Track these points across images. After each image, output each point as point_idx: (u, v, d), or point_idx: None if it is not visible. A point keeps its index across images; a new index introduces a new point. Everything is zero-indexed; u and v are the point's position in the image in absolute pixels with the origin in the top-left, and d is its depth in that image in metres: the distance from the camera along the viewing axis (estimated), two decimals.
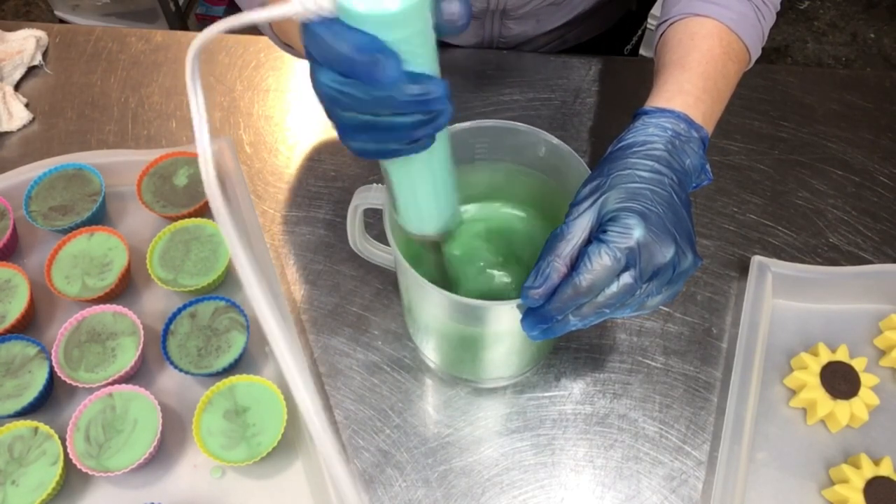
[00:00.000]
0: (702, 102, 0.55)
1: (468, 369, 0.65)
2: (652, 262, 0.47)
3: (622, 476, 0.62)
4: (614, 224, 0.46)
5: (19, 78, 0.86)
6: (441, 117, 0.40)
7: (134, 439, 0.60)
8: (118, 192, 0.75)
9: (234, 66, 0.86)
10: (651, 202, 0.48)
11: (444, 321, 0.59)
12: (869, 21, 2.19)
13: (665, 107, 0.53)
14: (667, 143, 0.51)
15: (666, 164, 0.50)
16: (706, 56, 0.57)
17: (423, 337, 0.65)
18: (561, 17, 0.86)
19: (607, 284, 0.46)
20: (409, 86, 0.37)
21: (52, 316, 0.69)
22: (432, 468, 0.62)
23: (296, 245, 0.74)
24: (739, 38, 0.60)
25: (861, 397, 0.63)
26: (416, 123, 0.39)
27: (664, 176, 0.49)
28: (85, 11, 1.89)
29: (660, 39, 0.63)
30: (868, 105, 0.84)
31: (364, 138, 0.41)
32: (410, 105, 0.38)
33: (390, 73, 0.36)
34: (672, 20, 0.61)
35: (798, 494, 0.61)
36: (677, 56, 0.58)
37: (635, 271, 0.46)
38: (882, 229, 0.75)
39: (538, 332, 0.49)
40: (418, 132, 0.40)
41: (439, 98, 0.38)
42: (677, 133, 0.52)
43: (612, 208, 0.47)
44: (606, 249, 0.46)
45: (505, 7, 0.82)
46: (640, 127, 0.52)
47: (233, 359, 0.64)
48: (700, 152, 0.53)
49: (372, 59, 0.36)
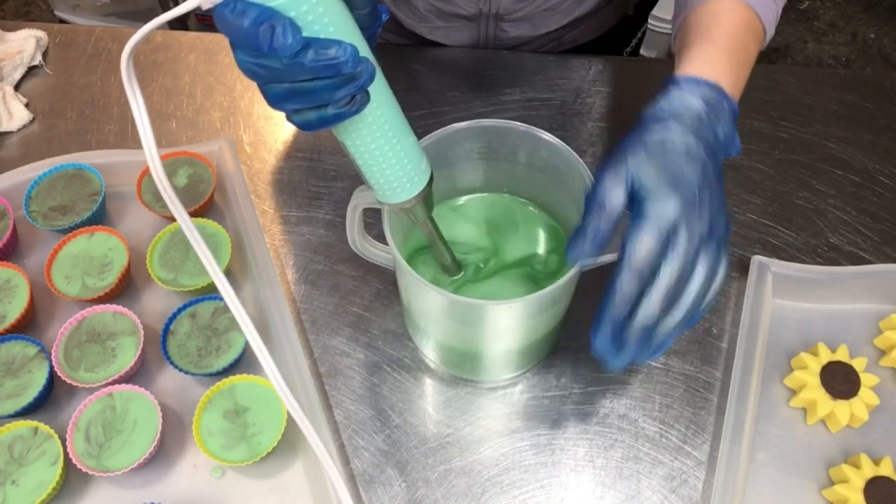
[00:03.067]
0: (729, 74, 0.55)
1: (468, 369, 0.65)
2: (696, 225, 0.47)
3: (622, 476, 0.62)
4: (652, 202, 0.47)
5: (19, 78, 0.86)
6: (361, 76, 0.41)
7: (134, 439, 0.60)
8: (118, 192, 0.75)
9: (233, 66, 0.85)
10: (687, 179, 0.48)
11: (444, 321, 0.59)
12: (869, 21, 2.19)
13: (698, 76, 0.54)
14: (701, 114, 0.51)
15: (700, 136, 0.50)
16: (731, 31, 0.58)
17: (423, 337, 0.65)
18: (556, 21, 0.86)
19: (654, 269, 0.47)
20: (312, 50, 0.39)
21: (52, 316, 0.69)
22: (432, 468, 0.62)
23: (296, 245, 0.74)
24: (758, 16, 0.60)
25: (861, 397, 0.63)
26: (336, 84, 0.41)
27: (699, 146, 0.50)
28: (85, 11, 1.89)
29: (680, 26, 0.63)
30: (868, 105, 0.84)
31: (294, 106, 0.43)
32: (321, 69, 0.39)
33: (285, 41, 0.38)
34: (692, 7, 0.62)
35: (798, 494, 0.61)
36: (703, 32, 0.58)
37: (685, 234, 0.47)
38: (882, 229, 0.75)
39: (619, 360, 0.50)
40: (341, 92, 0.41)
41: (347, 60, 0.39)
42: (711, 105, 0.52)
43: (650, 182, 0.48)
44: (646, 224, 0.46)
45: (498, 11, 0.82)
46: (676, 96, 0.52)
47: (233, 359, 0.64)
48: (732, 122, 0.53)
49: (267, 28, 0.37)
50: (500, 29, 0.85)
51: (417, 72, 0.85)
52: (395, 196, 0.51)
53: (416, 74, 0.86)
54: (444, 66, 0.86)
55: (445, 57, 0.87)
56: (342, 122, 0.44)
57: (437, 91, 0.83)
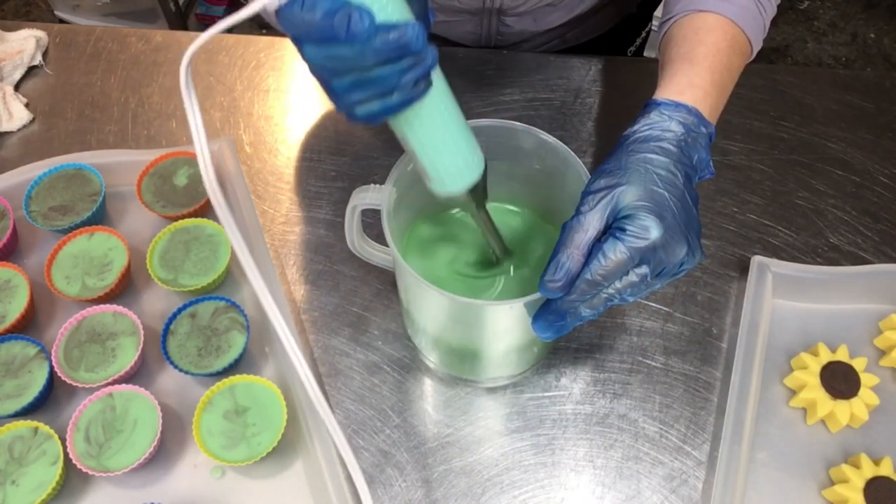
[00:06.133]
0: (710, 96, 0.55)
1: (467, 369, 0.65)
2: (664, 261, 0.49)
3: (622, 476, 0.62)
4: (631, 222, 0.48)
5: (19, 78, 0.86)
6: (426, 58, 0.42)
7: (134, 439, 0.60)
8: (118, 192, 0.75)
9: (234, 66, 0.86)
10: (667, 203, 0.49)
11: (444, 321, 0.59)
12: (869, 21, 2.19)
13: (678, 100, 0.54)
14: (680, 140, 0.52)
15: (679, 161, 0.51)
16: (712, 50, 0.58)
17: (422, 337, 0.65)
18: (558, 17, 0.86)
19: (618, 278, 0.48)
20: (384, 34, 0.39)
21: (52, 316, 0.69)
22: (432, 468, 0.62)
23: (296, 245, 0.74)
24: (742, 31, 0.60)
25: (861, 397, 0.63)
26: (404, 68, 0.41)
27: (678, 174, 0.51)
28: (85, 11, 1.89)
29: (664, 36, 0.63)
30: (868, 105, 0.84)
31: (362, 97, 0.43)
32: (392, 51, 0.40)
33: (363, 25, 0.38)
34: (676, 17, 0.62)
35: (798, 494, 0.61)
36: (684, 50, 0.58)
37: (648, 268, 0.48)
38: (882, 229, 0.75)
39: (552, 332, 0.50)
40: (408, 76, 0.42)
41: (416, 38, 0.40)
42: (689, 129, 0.53)
43: (630, 205, 0.48)
44: (623, 248, 0.47)
45: (501, 6, 0.82)
46: (656, 120, 0.53)
47: (233, 359, 0.64)
48: (707, 147, 0.54)
49: (341, 17, 0.38)
50: (503, 24, 0.86)
51: None
52: (454, 184, 0.51)
53: None
54: (444, 65, 0.86)
55: (445, 56, 0.87)
56: (406, 109, 0.44)
57: None
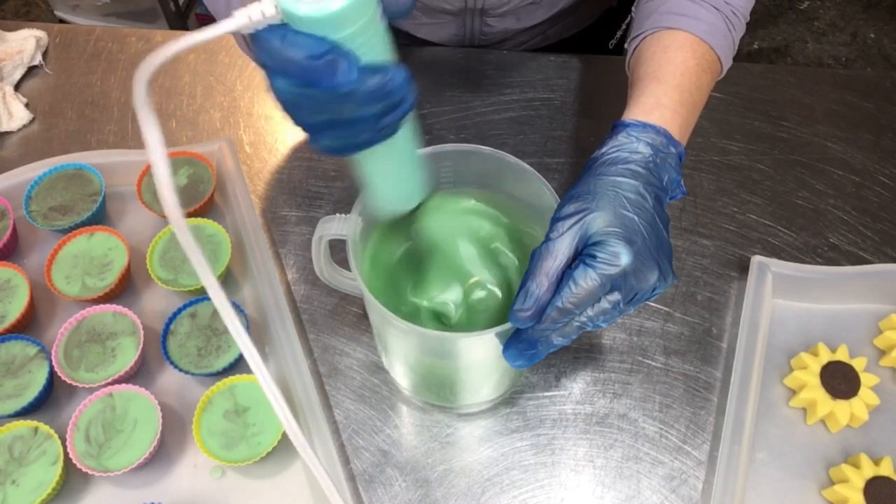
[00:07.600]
0: (678, 115, 0.55)
1: (442, 396, 0.64)
2: (636, 287, 0.47)
3: (622, 476, 0.62)
4: (601, 249, 0.46)
5: (19, 78, 0.86)
6: (405, 102, 0.39)
7: (134, 439, 0.60)
8: (118, 192, 0.75)
9: (234, 66, 0.86)
10: (637, 227, 0.48)
11: (415, 353, 0.58)
12: (869, 21, 2.19)
13: (645, 120, 0.53)
14: (648, 161, 0.51)
15: (649, 183, 0.50)
16: (680, 68, 0.57)
17: (396, 366, 0.63)
18: (541, 14, 0.87)
19: (590, 305, 0.47)
20: (369, 79, 0.37)
21: (52, 316, 0.69)
22: (432, 468, 0.62)
23: (296, 245, 0.74)
24: (711, 48, 0.59)
25: (861, 397, 0.63)
26: (382, 112, 0.39)
27: (648, 196, 0.49)
28: (85, 11, 1.89)
29: (633, 54, 0.62)
30: (868, 105, 0.84)
31: (332, 136, 0.40)
32: (373, 96, 0.37)
33: (348, 75, 0.35)
34: (644, 34, 0.61)
35: (798, 494, 0.61)
36: (652, 69, 0.58)
37: (619, 294, 0.47)
38: (882, 229, 0.75)
39: (523, 360, 0.49)
40: (385, 121, 0.39)
41: (401, 84, 0.38)
42: (658, 150, 0.52)
43: (599, 231, 0.47)
44: (594, 275, 0.46)
45: (484, 6, 0.82)
46: (624, 141, 0.52)
47: (233, 359, 0.64)
48: (677, 168, 0.53)
49: (327, 63, 0.35)
50: (486, 24, 0.86)
51: (415, 72, 0.85)
52: (391, 209, 0.51)
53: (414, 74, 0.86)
54: (444, 65, 0.86)
55: (445, 56, 0.87)
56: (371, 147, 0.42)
57: (438, 91, 0.83)
